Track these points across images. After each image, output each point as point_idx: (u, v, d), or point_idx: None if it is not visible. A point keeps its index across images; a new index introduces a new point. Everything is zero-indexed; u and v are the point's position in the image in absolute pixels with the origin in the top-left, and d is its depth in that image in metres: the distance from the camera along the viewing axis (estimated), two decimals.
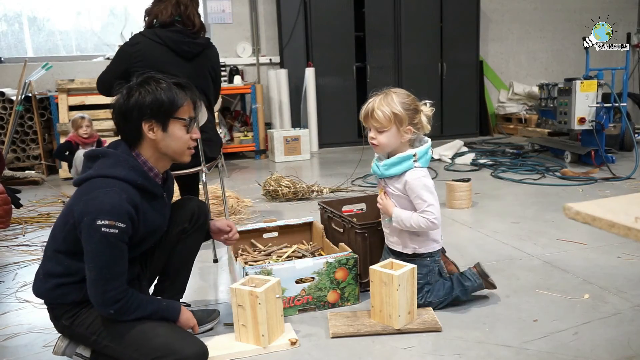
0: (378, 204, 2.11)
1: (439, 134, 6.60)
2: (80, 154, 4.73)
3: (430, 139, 2.06)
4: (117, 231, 1.51)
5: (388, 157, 2.03)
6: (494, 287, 2.13)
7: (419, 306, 2.02)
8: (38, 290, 1.66)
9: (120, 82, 1.76)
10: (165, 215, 1.78)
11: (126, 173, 1.59)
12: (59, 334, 1.73)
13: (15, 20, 6.40)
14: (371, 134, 2.00)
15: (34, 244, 3.17)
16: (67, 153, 4.78)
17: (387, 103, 1.95)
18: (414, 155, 1.98)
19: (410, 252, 2.05)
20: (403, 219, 1.99)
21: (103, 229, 1.49)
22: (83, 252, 1.55)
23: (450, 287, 2.06)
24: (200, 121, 2.36)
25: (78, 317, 1.63)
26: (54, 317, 1.68)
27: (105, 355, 1.68)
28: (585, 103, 4.70)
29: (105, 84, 2.63)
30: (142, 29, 2.64)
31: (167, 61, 2.50)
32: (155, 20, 2.55)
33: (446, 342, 1.82)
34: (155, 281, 1.95)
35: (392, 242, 2.10)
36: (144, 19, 2.61)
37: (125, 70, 2.52)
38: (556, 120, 5.10)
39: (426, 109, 2.01)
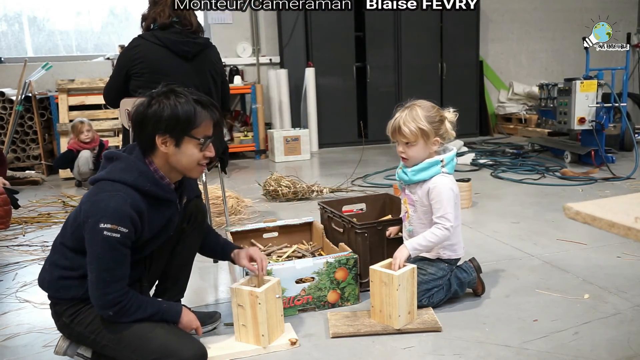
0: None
1: None
2: (84, 154, 4.72)
3: (455, 148, 2.10)
4: (119, 235, 1.52)
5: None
6: (483, 290, 2.17)
7: (423, 306, 2.02)
8: (42, 281, 1.68)
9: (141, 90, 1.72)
10: (174, 221, 1.77)
11: (134, 179, 1.60)
12: (61, 334, 1.73)
13: (15, 20, 6.40)
14: (400, 149, 2.03)
15: (34, 244, 3.17)
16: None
17: (412, 118, 1.97)
18: (442, 161, 2.01)
19: (433, 257, 2.09)
20: (419, 247, 1.99)
21: (105, 232, 1.50)
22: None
23: (448, 283, 2.07)
24: None
25: (78, 315, 1.64)
26: (56, 314, 1.68)
27: (105, 356, 1.68)
28: (585, 103, 4.70)
29: (109, 93, 2.62)
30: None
31: (166, 62, 2.49)
32: (152, 24, 2.54)
33: (446, 342, 1.82)
34: (156, 282, 1.94)
35: None
36: (141, 25, 2.60)
37: (127, 74, 2.51)
38: (556, 120, 5.10)
39: (450, 115, 2.04)
